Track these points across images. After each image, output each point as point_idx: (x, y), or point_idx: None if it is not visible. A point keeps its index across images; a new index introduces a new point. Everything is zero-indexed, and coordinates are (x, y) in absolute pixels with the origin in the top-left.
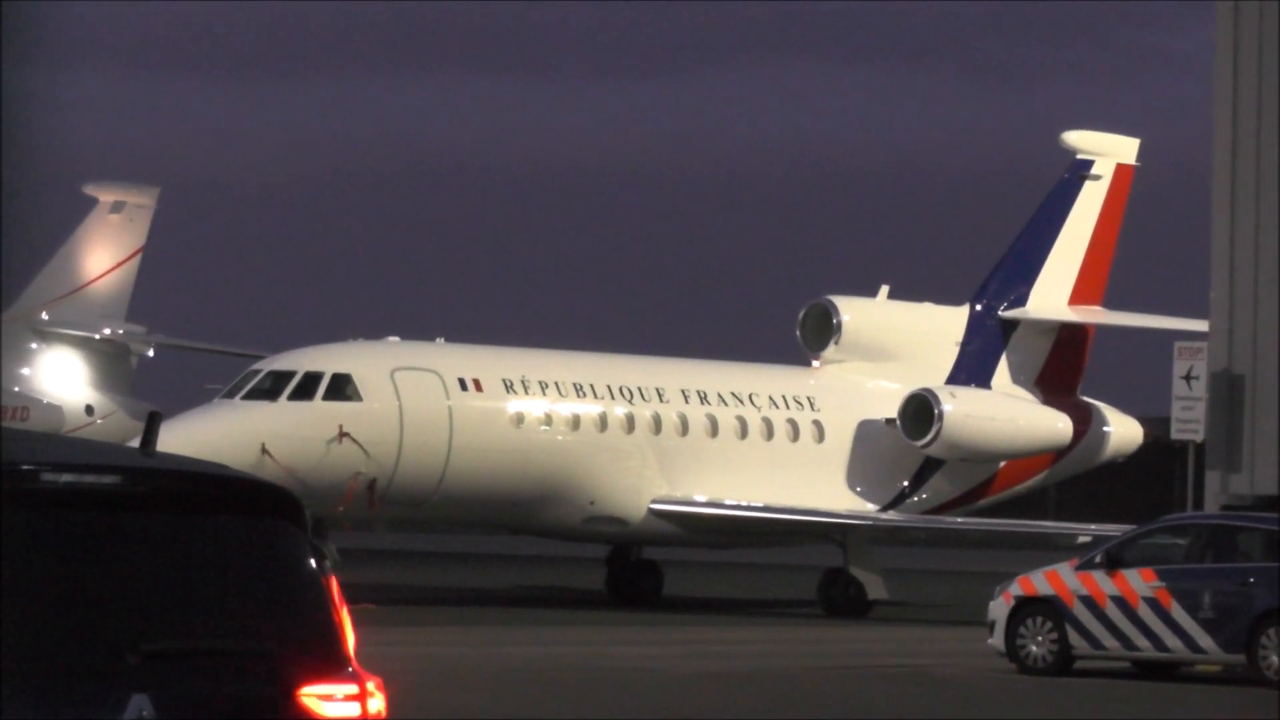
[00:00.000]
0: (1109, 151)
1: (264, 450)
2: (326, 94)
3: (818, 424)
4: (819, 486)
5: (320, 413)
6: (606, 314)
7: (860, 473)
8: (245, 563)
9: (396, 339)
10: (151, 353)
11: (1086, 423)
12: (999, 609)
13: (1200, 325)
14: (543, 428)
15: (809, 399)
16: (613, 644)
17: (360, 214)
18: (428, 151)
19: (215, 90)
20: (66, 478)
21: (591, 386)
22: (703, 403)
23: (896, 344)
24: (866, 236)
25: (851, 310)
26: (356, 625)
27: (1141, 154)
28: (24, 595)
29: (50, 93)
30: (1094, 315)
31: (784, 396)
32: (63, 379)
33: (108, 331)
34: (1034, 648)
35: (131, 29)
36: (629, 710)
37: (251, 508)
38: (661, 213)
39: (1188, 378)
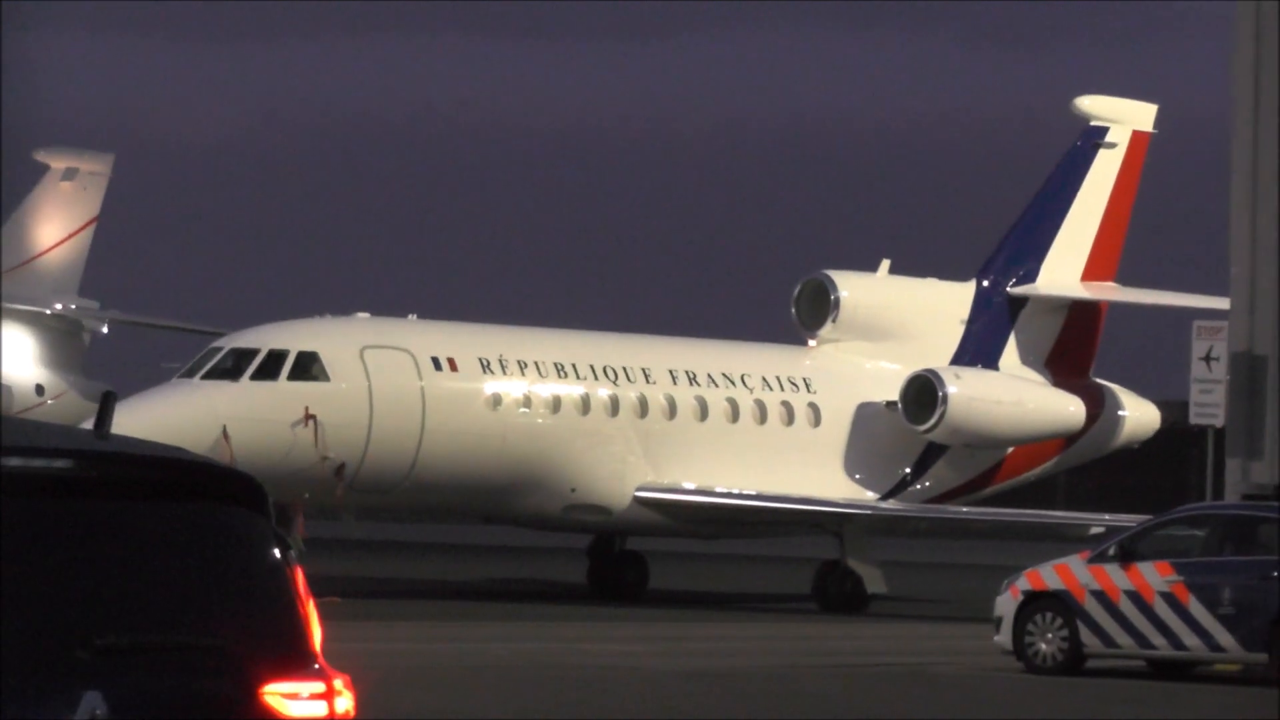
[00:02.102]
0: (1124, 118)
1: (224, 434)
2: (294, 56)
3: (813, 407)
4: (814, 473)
5: (285, 393)
6: (590, 290)
7: (858, 459)
8: (205, 553)
9: (366, 315)
10: (105, 329)
11: (1099, 406)
12: (1006, 604)
13: (1221, 303)
14: (521, 410)
15: (804, 380)
16: (594, 640)
17: (329, 183)
18: (403, 118)
19: (175, 51)
20: (15, 461)
21: (573, 366)
22: (691, 384)
23: (898, 322)
24: (867, 209)
25: (850, 286)
26: (323, 619)
27: (1159, 120)
28: None
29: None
30: (1108, 292)
31: (778, 378)
32: (11, 357)
33: (59, 306)
34: (1043, 645)
35: None
36: (610, 711)
37: (212, 494)
38: (650, 183)
39: (1207, 359)
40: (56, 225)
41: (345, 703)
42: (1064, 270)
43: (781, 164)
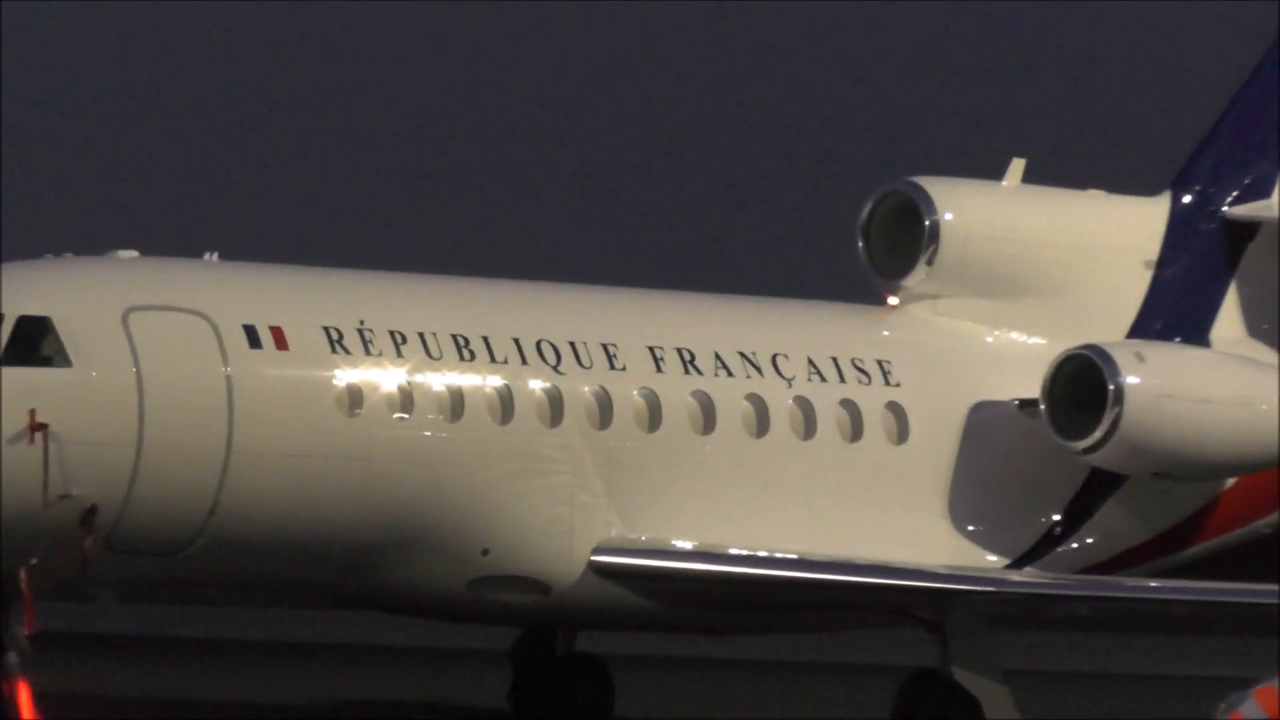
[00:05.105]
0: None
1: None
2: None
3: (896, 409)
4: (897, 522)
5: None
6: (516, 210)
7: (973, 498)
8: None
9: (134, 254)
10: None
11: None
12: None
13: None
14: (397, 415)
15: (881, 364)
16: None
17: (74, 43)
18: None
19: None
20: None
21: (486, 341)
22: (688, 370)
23: (1039, 265)
24: (983, 80)
25: (957, 204)
26: None
27: None
28: None
29: None
30: None
31: (835, 360)
32: None
33: None
34: None
35: None
36: None
37: None
38: (620, 33)
39: None
40: None
41: None
42: None
43: (845, 9)
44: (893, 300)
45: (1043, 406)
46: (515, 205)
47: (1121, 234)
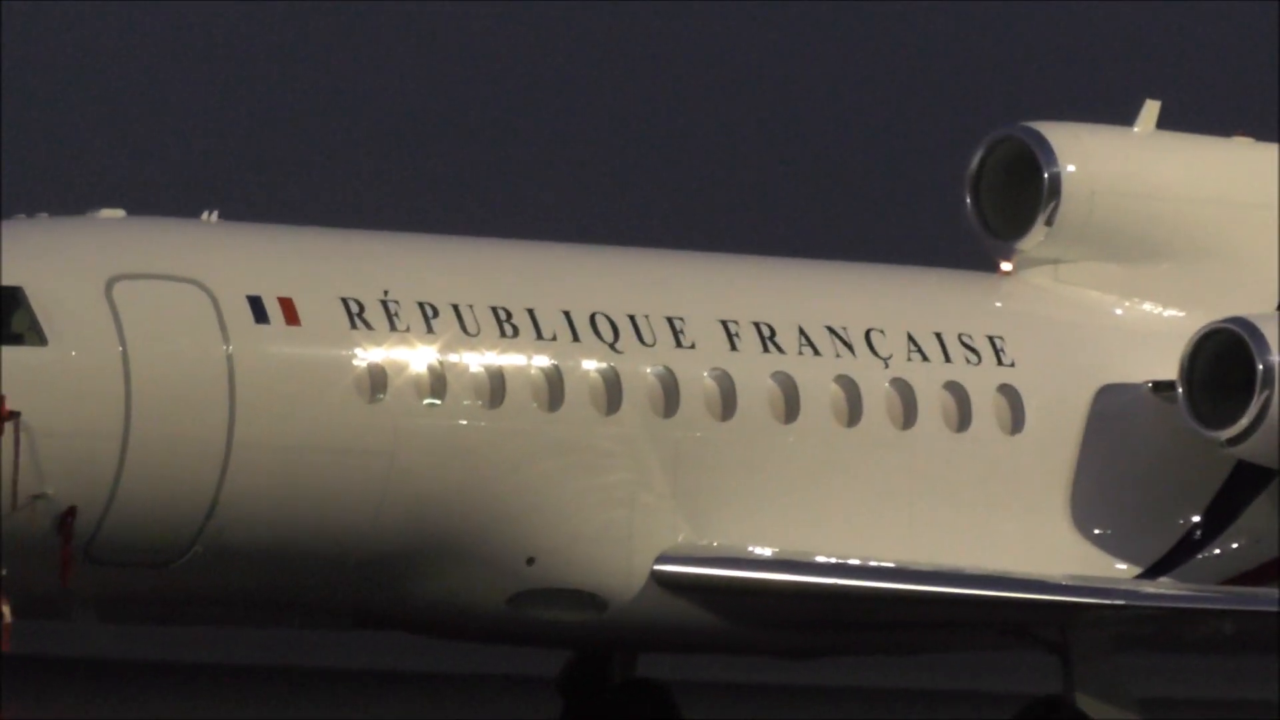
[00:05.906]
0: None
1: None
2: None
3: (1009, 393)
4: (1012, 526)
5: None
6: (568, 163)
7: (1099, 496)
8: None
9: (120, 214)
10: None
11: None
12: None
13: None
14: (426, 402)
15: (992, 341)
16: None
17: None
18: None
19: None
20: None
21: (531, 314)
22: (766, 349)
23: (1176, 225)
24: (1111, 10)
25: (1080, 153)
26: None
27: None
28: None
29: None
30: None
31: (939, 336)
32: None
33: None
34: None
35: None
36: None
37: None
38: None
39: None
40: None
41: None
42: None
43: None
44: (1006, 266)
45: (1180, 390)
46: (567, 157)
47: (1271, 188)
